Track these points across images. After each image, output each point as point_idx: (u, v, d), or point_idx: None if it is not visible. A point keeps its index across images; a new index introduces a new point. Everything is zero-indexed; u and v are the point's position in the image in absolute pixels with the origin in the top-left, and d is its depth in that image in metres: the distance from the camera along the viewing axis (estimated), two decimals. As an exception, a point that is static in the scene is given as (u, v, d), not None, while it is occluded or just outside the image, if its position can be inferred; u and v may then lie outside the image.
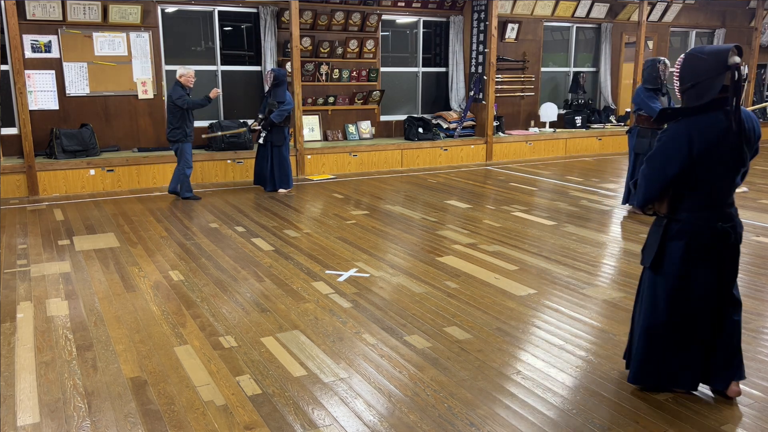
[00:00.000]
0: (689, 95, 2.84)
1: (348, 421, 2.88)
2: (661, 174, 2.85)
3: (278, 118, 7.82)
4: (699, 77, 2.79)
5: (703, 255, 2.90)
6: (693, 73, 2.81)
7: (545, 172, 9.89)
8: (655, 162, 2.88)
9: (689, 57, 2.85)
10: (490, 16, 10.41)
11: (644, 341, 3.06)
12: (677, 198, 2.90)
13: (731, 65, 2.72)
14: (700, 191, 2.86)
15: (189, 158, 7.58)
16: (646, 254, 3.06)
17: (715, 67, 2.75)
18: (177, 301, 4.37)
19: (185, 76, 7.39)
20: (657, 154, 2.87)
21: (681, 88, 2.88)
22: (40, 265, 5.17)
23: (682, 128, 2.79)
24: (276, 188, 8.12)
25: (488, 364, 3.43)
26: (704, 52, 2.80)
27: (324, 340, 3.73)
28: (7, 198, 7.74)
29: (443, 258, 5.35)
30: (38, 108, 8.35)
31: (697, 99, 2.79)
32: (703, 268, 2.92)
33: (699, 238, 2.89)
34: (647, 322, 3.05)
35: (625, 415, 2.92)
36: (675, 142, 2.80)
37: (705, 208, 2.87)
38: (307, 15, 9.60)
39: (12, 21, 7.56)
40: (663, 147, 2.84)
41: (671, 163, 2.81)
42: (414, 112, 11.24)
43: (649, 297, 3.05)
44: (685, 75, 2.85)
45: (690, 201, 2.88)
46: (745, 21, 14.17)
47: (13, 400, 3.09)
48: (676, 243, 2.93)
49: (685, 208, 2.89)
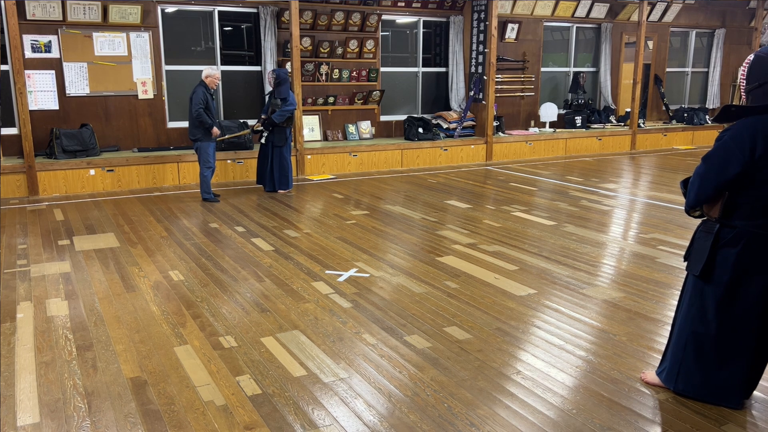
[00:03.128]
0: (755, 95, 2.73)
1: (348, 421, 2.88)
2: (719, 174, 2.71)
3: (279, 119, 7.82)
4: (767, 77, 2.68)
5: (758, 264, 2.77)
6: (761, 73, 2.71)
7: (545, 172, 9.89)
8: (713, 161, 2.73)
9: (759, 57, 2.74)
10: (490, 16, 10.41)
11: (692, 349, 2.94)
12: (732, 202, 2.77)
13: None
14: (757, 197, 2.71)
15: (208, 158, 7.49)
16: (694, 261, 2.90)
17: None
18: (177, 301, 4.37)
19: (211, 77, 7.34)
20: (716, 153, 2.73)
21: (747, 87, 2.77)
22: (40, 265, 5.17)
23: (745, 127, 2.68)
24: (275, 189, 8.12)
25: (488, 364, 3.43)
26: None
27: (324, 340, 3.73)
28: (7, 198, 7.74)
29: (443, 258, 5.35)
30: (38, 108, 8.35)
31: (763, 99, 2.70)
32: (756, 277, 2.78)
33: (753, 246, 2.75)
34: (696, 330, 2.92)
35: (625, 415, 2.92)
36: (737, 141, 2.67)
37: (761, 216, 2.73)
38: (307, 15, 9.61)
39: (12, 21, 7.56)
40: (724, 145, 2.71)
41: (731, 163, 2.68)
42: (414, 112, 11.24)
43: (697, 306, 2.92)
44: (752, 74, 2.75)
45: (746, 207, 2.74)
46: (745, 21, 14.17)
47: (13, 400, 3.09)
48: (728, 250, 2.79)
49: (741, 215, 2.76)
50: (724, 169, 2.70)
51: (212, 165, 7.57)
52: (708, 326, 2.89)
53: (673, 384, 3.05)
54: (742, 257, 2.77)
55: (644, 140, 12.49)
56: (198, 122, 7.34)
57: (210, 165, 7.54)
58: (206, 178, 7.56)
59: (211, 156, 7.51)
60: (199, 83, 7.39)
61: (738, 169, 2.67)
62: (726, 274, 2.81)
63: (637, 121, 12.26)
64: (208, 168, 7.55)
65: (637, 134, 12.29)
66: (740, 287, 2.81)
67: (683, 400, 3.05)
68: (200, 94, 7.28)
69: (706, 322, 2.89)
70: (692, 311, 2.94)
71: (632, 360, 3.46)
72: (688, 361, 2.97)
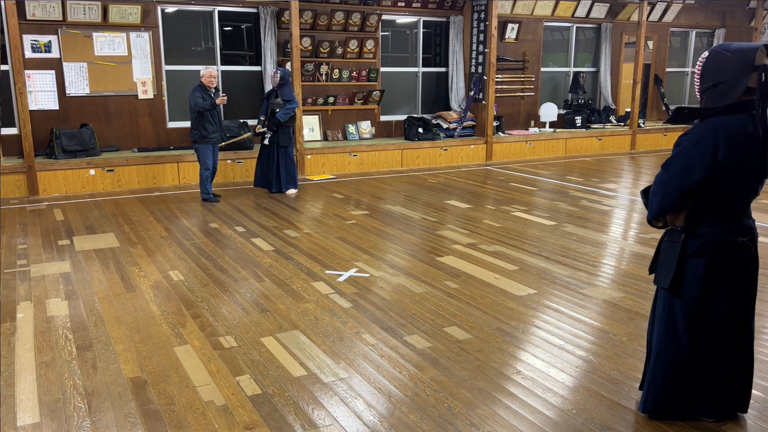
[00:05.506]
0: (710, 95, 2.57)
1: (348, 421, 2.88)
2: (682, 180, 2.57)
3: (284, 117, 7.81)
4: (723, 76, 2.53)
5: (727, 273, 2.64)
6: (716, 72, 2.55)
7: (545, 172, 9.89)
8: (675, 167, 2.60)
9: (713, 54, 2.58)
10: (490, 16, 10.41)
11: (662, 371, 2.78)
12: (696, 210, 2.63)
13: (759, 66, 2.46)
14: (722, 203, 2.60)
15: (204, 159, 7.51)
16: (662, 274, 2.74)
17: (741, 66, 2.50)
18: (177, 301, 4.37)
19: (206, 76, 7.37)
20: (678, 159, 2.59)
21: (702, 87, 2.61)
22: (40, 265, 5.17)
23: (706, 131, 2.53)
24: (282, 189, 8.08)
25: (488, 364, 3.43)
26: (730, 49, 2.55)
27: (324, 340, 3.73)
28: (7, 198, 7.74)
29: (443, 258, 5.35)
30: (38, 108, 8.35)
31: (718, 100, 2.54)
32: (726, 287, 2.65)
33: (722, 254, 2.62)
34: (666, 351, 2.76)
35: (625, 415, 2.92)
36: (699, 145, 2.53)
37: (726, 222, 2.62)
38: (307, 15, 9.61)
39: (12, 21, 7.56)
40: (685, 151, 2.57)
41: (694, 169, 2.54)
42: (414, 112, 11.24)
43: (667, 322, 2.76)
44: (707, 73, 2.59)
45: (711, 214, 2.62)
46: (745, 21, 14.16)
47: (13, 400, 3.09)
48: (696, 260, 2.64)
49: (706, 222, 2.63)
50: (687, 176, 2.56)
51: (209, 166, 7.57)
52: (680, 344, 2.72)
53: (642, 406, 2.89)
54: (712, 266, 2.63)
55: (644, 140, 12.49)
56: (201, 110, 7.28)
57: (207, 166, 7.55)
58: (205, 179, 7.57)
59: (208, 157, 7.52)
60: (198, 84, 7.41)
61: (702, 175, 2.53)
62: (695, 285, 2.66)
63: (637, 121, 12.26)
64: (206, 169, 7.56)
65: (637, 134, 12.29)
66: (711, 299, 2.67)
67: (683, 400, 3.05)
68: (198, 92, 7.32)
69: (678, 341, 2.73)
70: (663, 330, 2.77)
71: (632, 360, 3.46)
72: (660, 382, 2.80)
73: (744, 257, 2.65)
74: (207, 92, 7.37)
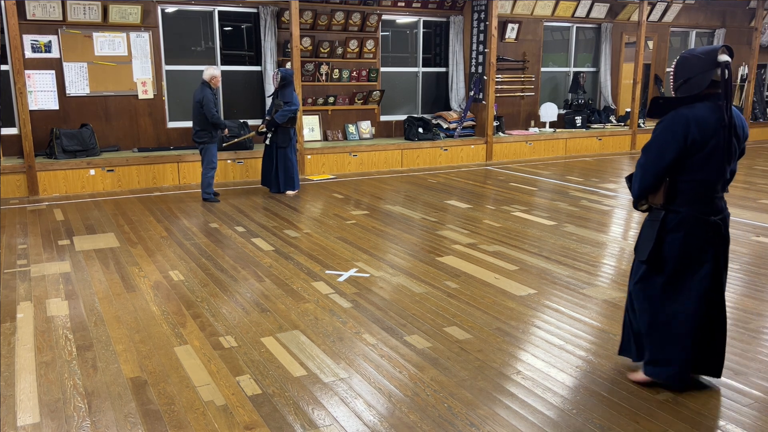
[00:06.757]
0: (682, 90, 2.99)
1: (348, 421, 2.88)
2: (657, 162, 2.93)
3: (281, 119, 7.80)
4: (691, 72, 2.95)
5: (700, 248, 2.97)
6: (686, 70, 2.97)
7: (545, 172, 9.89)
8: (652, 151, 2.97)
9: (683, 57, 3.03)
10: (490, 16, 10.41)
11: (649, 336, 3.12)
12: (673, 188, 2.98)
13: (721, 62, 2.88)
14: (694, 182, 2.94)
15: (213, 159, 7.59)
16: (641, 248, 3.09)
17: (706, 63, 2.91)
18: (177, 301, 4.37)
19: (216, 78, 7.45)
20: (654, 143, 2.97)
21: (675, 85, 3.03)
22: (40, 265, 5.17)
23: (677, 116, 2.92)
24: (281, 190, 8.09)
25: (488, 364, 3.43)
26: (696, 51, 2.98)
27: (324, 340, 3.73)
28: (7, 198, 7.74)
29: (443, 258, 5.35)
30: (38, 108, 8.35)
31: (689, 92, 2.95)
32: (699, 261, 2.98)
33: (696, 230, 2.96)
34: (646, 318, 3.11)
35: (625, 415, 2.92)
36: (671, 129, 2.91)
37: (699, 201, 2.96)
38: (307, 15, 9.60)
39: (12, 21, 7.56)
40: (660, 135, 2.95)
41: (668, 150, 2.90)
42: (414, 112, 11.24)
43: (646, 293, 3.11)
44: (678, 72, 3.01)
45: (687, 192, 2.96)
46: (745, 21, 14.17)
47: (13, 400, 3.09)
48: (674, 235, 2.99)
49: (683, 201, 2.97)
50: (662, 157, 2.92)
51: (216, 165, 7.68)
52: (658, 312, 3.07)
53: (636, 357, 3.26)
54: (687, 241, 2.97)
55: (644, 140, 12.43)
56: (213, 125, 7.42)
57: (215, 165, 7.64)
58: (210, 178, 7.62)
59: (215, 156, 7.62)
60: (202, 84, 7.40)
61: (674, 155, 2.89)
62: (672, 258, 3.00)
63: (637, 121, 12.26)
64: (213, 168, 7.62)
65: (637, 134, 12.29)
66: (686, 271, 3.00)
67: (683, 401, 3.05)
68: (210, 96, 7.36)
69: (655, 309, 3.07)
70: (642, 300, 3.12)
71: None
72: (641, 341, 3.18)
73: (715, 234, 2.99)
74: (214, 93, 7.48)
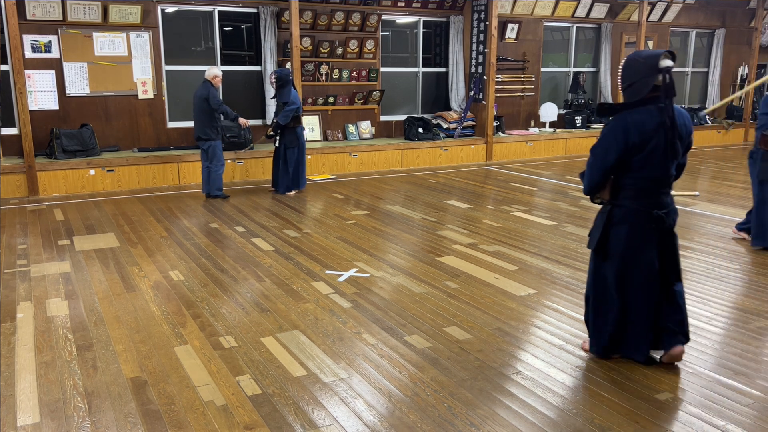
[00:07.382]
0: (628, 93, 3.17)
1: (348, 421, 2.88)
2: (602, 161, 3.18)
3: (284, 120, 7.79)
4: (635, 77, 3.13)
5: (644, 238, 3.22)
6: (630, 74, 3.15)
7: (545, 172, 9.89)
8: (598, 152, 3.21)
9: (628, 60, 3.19)
10: (490, 16, 10.41)
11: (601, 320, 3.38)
12: (617, 185, 3.23)
13: (662, 68, 3.06)
14: (637, 180, 3.17)
15: (221, 156, 7.70)
16: (591, 238, 3.37)
17: (648, 69, 3.09)
18: (177, 301, 4.37)
19: (219, 77, 7.59)
20: (599, 145, 3.20)
21: (622, 86, 3.22)
22: (40, 265, 5.17)
23: (620, 121, 3.14)
24: (285, 191, 8.06)
25: (488, 364, 3.43)
26: (641, 56, 3.16)
27: (324, 340, 3.73)
28: (7, 198, 7.74)
29: (443, 258, 5.35)
30: (38, 108, 8.34)
31: (633, 96, 3.14)
32: (644, 249, 3.23)
33: (639, 222, 3.21)
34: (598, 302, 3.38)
35: (625, 415, 2.92)
36: (613, 132, 3.14)
37: (642, 196, 3.19)
38: (307, 15, 9.60)
39: (12, 21, 7.56)
40: (604, 137, 3.18)
41: (610, 151, 3.14)
42: (414, 112, 11.24)
43: (598, 279, 3.37)
44: (624, 75, 3.19)
45: (630, 188, 3.20)
46: (745, 21, 14.17)
47: (13, 400, 3.09)
48: (620, 227, 3.25)
49: (627, 195, 3.21)
50: (606, 157, 3.16)
51: (224, 162, 7.83)
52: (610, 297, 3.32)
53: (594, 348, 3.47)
54: (632, 232, 3.23)
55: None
56: (223, 114, 7.55)
57: (223, 162, 7.78)
58: (221, 176, 7.76)
59: (222, 153, 7.74)
60: (204, 83, 7.49)
61: (616, 155, 3.13)
62: (619, 248, 3.26)
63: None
64: (222, 165, 7.77)
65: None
66: (633, 258, 3.25)
67: (684, 401, 3.05)
68: (215, 92, 7.49)
69: (608, 294, 3.33)
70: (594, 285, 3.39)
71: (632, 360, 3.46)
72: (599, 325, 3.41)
73: (659, 227, 3.21)
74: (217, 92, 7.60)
